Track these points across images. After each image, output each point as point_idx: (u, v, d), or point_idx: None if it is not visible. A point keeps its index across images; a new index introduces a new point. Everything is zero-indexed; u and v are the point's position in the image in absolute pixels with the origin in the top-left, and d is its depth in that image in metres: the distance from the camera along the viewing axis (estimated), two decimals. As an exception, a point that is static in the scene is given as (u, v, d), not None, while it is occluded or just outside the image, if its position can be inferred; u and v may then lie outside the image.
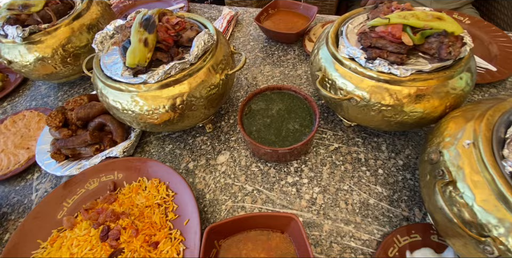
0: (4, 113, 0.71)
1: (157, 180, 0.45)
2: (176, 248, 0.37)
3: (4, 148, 0.60)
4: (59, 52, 0.63)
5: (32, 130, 0.63)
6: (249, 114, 0.53)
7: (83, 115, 0.55)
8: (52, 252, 0.39)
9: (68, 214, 0.44)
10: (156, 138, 0.59)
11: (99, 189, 0.46)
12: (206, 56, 0.47)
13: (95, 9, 0.69)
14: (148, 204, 0.43)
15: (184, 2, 0.95)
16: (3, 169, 0.56)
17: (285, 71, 0.70)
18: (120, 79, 0.44)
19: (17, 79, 0.78)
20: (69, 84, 0.76)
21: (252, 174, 0.49)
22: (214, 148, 0.55)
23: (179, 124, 0.49)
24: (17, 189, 0.54)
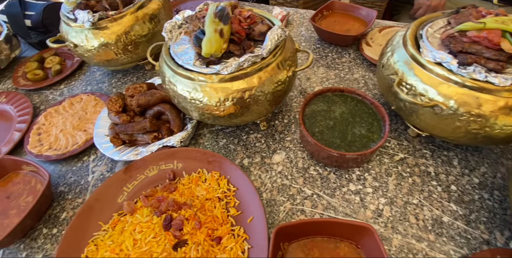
0: (61, 95, 0.74)
1: (217, 173, 0.44)
2: (241, 246, 0.36)
3: (63, 128, 0.62)
4: (122, 39, 0.64)
5: (89, 113, 0.65)
6: (310, 115, 0.51)
7: (144, 102, 0.55)
8: (114, 235, 0.39)
9: (128, 198, 0.44)
10: (209, 131, 0.58)
11: (158, 176, 0.46)
12: (277, 51, 0.46)
13: (156, 0, 0.70)
14: (208, 196, 0.42)
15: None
16: (62, 149, 0.58)
17: (340, 74, 0.68)
18: (192, 69, 0.44)
19: (74, 64, 0.81)
20: (122, 72, 0.78)
21: (310, 177, 0.47)
22: (269, 147, 0.53)
23: (240, 119, 0.48)
24: (74, 169, 0.55)
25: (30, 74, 0.78)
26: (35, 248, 0.44)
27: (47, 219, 0.48)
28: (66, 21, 0.64)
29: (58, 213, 0.48)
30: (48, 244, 0.44)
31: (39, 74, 0.78)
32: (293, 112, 0.60)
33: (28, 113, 0.66)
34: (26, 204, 0.47)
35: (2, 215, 0.46)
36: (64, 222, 0.47)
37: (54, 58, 0.84)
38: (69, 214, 0.48)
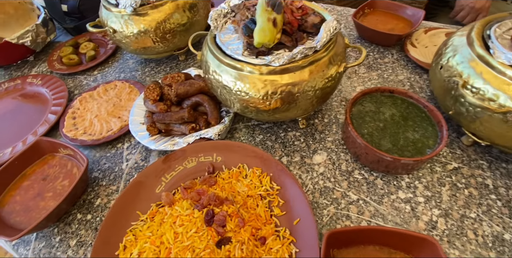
0: (95, 81, 0.74)
1: (259, 170, 0.42)
2: (288, 249, 0.33)
3: (97, 113, 0.61)
4: (162, 27, 0.63)
5: (123, 100, 0.64)
6: (357, 116, 0.48)
7: (182, 92, 0.54)
8: (152, 226, 0.38)
9: (166, 189, 0.43)
10: (245, 126, 0.56)
11: (197, 169, 0.45)
12: (330, 45, 0.44)
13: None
14: (250, 193, 0.40)
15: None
16: (96, 134, 0.57)
17: (383, 75, 0.64)
18: (241, 59, 0.42)
19: (108, 51, 0.81)
20: (156, 61, 0.77)
21: (355, 181, 0.45)
22: (309, 146, 0.51)
23: (284, 114, 0.46)
24: (108, 155, 0.55)
25: (65, 58, 0.79)
26: (69, 233, 0.44)
27: (82, 204, 0.47)
28: (107, 6, 0.64)
29: (93, 199, 0.48)
30: (83, 230, 0.44)
31: (74, 59, 0.78)
32: (333, 111, 0.57)
33: (64, 97, 0.66)
34: (62, 188, 0.47)
35: (38, 197, 0.46)
36: (99, 208, 0.46)
37: (89, 44, 0.84)
38: (103, 200, 0.47)
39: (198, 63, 0.75)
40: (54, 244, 0.43)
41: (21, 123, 0.63)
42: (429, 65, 0.64)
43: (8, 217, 0.44)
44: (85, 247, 0.42)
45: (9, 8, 0.77)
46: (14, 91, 0.72)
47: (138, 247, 0.35)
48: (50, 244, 0.43)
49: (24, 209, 0.44)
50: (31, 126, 0.62)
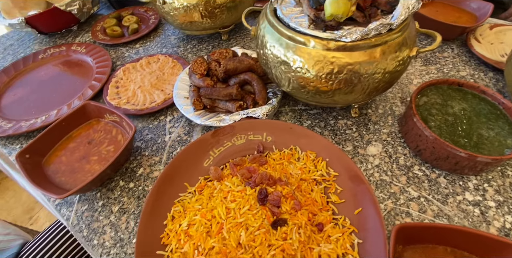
0: (136, 54, 0.73)
1: (313, 154, 0.40)
2: (349, 239, 0.31)
3: (141, 84, 0.60)
4: (212, 1, 0.61)
5: (166, 74, 0.63)
6: (423, 107, 0.44)
7: (232, 68, 0.52)
8: (201, 199, 0.36)
9: (214, 164, 0.41)
10: (291, 110, 0.54)
11: (246, 146, 0.43)
12: (405, 25, 0.40)
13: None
14: (303, 177, 0.37)
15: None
16: (139, 105, 0.56)
17: (443, 70, 0.59)
18: (307, 32, 0.39)
19: (150, 26, 0.80)
20: (198, 39, 0.75)
21: (415, 177, 0.41)
22: (362, 136, 0.47)
23: (343, 97, 0.42)
24: (150, 127, 0.54)
25: (109, 29, 0.78)
26: (111, 198, 0.43)
27: (124, 172, 0.46)
28: (159, -23, 0.62)
29: (135, 167, 0.47)
30: (125, 197, 0.43)
31: (117, 31, 0.78)
32: (388, 103, 0.53)
33: (107, 66, 0.66)
34: (107, 153, 0.46)
35: (83, 160, 0.46)
36: (141, 178, 0.45)
37: (132, 17, 0.83)
38: (146, 170, 0.46)
39: (241, 43, 0.72)
40: (97, 208, 0.42)
41: (65, 88, 0.64)
42: (496, 63, 0.59)
43: (53, 176, 0.44)
44: (127, 214, 0.41)
45: (61, -26, 0.77)
46: (59, 58, 0.73)
47: (187, 219, 0.34)
48: (92, 207, 0.42)
49: (69, 170, 0.44)
50: (75, 91, 0.62)
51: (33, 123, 0.55)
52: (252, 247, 0.30)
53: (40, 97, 0.62)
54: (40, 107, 0.60)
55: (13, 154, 0.53)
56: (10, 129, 0.54)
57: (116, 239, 0.38)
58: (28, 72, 0.70)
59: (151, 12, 0.85)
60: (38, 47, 0.81)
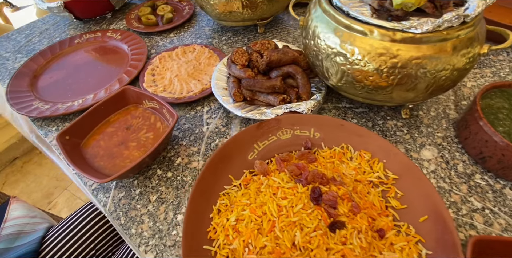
0: (171, 43, 0.72)
1: (368, 154, 0.37)
2: (416, 249, 0.28)
3: (178, 73, 0.59)
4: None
5: (202, 64, 0.61)
6: (488, 111, 0.41)
7: (276, 59, 0.49)
8: (248, 194, 0.34)
9: (258, 157, 0.39)
10: (335, 107, 0.51)
11: (292, 142, 0.40)
12: (479, 18, 0.37)
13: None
14: (358, 178, 0.35)
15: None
16: (177, 93, 0.55)
17: (499, 73, 0.55)
18: (371, 21, 0.36)
19: (185, 16, 0.78)
20: (232, 30, 0.73)
21: (477, 186, 0.38)
22: (414, 139, 0.44)
23: (401, 95, 0.39)
24: (187, 116, 0.52)
25: (143, 18, 0.77)
26: (149, 187, 0.42)
27: (162, 160, 0.45)
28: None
29: (173, 157, 0.45)
30: (163, 186, 0.41)
31: (152, 19, 0.77)
32: (441, 105, 0.49)
33: (143, 53, 0.65)
34: (146, 140, 0.45)
35: (122, 145, 0.44)
36: (179, 167, 0.44)
37: (166, 6, 0.82)
38: (184, 160, 0.45)
39: (278, 36, 0.70)
40: (134, 196, 0.41)
41: (100, 73, 0.63)
42: None
43: (92, 160, 0.43)
44: (166, 204, 0.39)
45: (101, -40, 0.77)
46: (94, 43, 0.72)
47: (235, 213, 0.32)
48: (129, 195, 0.41)
49: (108, 155, 0.43)
50: (111, 77, 0.61)
51: (70, 106, 0.54)
52: (308, 250, 0.28)
53: (76, 81, 0.62)
54: (76, 90, 0.59)
55: (49, 135, 0.52)
56: (47, 110, 0.54)
57: (154, 230, 0.37)
58: (64, 56, 0.70)
59: (185, 3, 0.84)
60: (73, 33, 0.81)
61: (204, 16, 0.80)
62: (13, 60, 0.73)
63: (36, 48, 0.76)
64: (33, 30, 0.84)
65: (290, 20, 0.75)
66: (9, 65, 0.71)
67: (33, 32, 0.84)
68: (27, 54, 0.74)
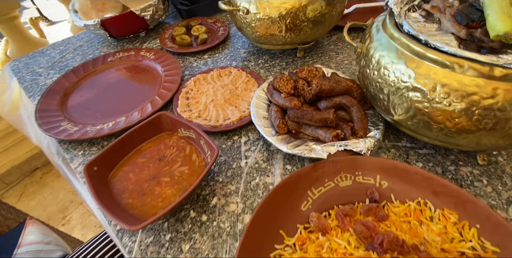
0: (205, 65, 0.69)
1: (455, 215, 0.30)
2: None
3: (213, 98, 0.55)
4: (302, 14, 0.55)
5: (239, 89, 0.57)
6: None
7: (327, 89, 0.44)
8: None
9: (313, 208, 0.33)
10: (394, 146, 0.44)
11: (353, 190, 0.34)
12: None
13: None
14: (445, 247, 0.28)
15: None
16: (212, 120, 0.50)
17: None
18: (459, 53, 0.31)
19: (220, 37, 0.76)
20: (269, 54, 0.70)
21: None
22: (498, 193, 0.37)
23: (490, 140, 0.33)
24: (223, 147, 0.47)
25: (178, 38, 0.76)
26: (181, 232, 0.36)
27: (195, 199, 0.40)
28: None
29: (208, 196, 0.40)
30: (197, 233, 0.36)
31: (186, 40, 0.75)
32: (522, 149, 0.42)
33: (177, 74, 0.62)
34: (180, 175, 0.40)
35: (153, 180, 0.40)
36: (215, 210, 0.38)
37: (201, 27, 0.81)
38: (220, 201, 0.39)
39: (318, 61, 0.66)
40: (164, 243, 0.35)
41: (132, 94, 0.60)
42: None
43: (120, 196, 0.38)
44: (200, 256, 0.33)
45: (140, -20, 0.77)
46: (128, 62, 0.71)
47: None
48: (159, 241, 0.35)
49: (137, 191, 0.38)
50: (143, 98, 0.58)
51: (100, 129, 0.51)
52: None
53: (107, 101, 0.59)
54: (106, 111, 0.56)
55: (74, 160, 0.49)
56: (76, 133, 0.50)
57: (187, 292, 0.31)
58: (96, 73, 0.68)
59: (219, 24, 0.83)
60: (106, 50, 0.81)
61: (239, 38, 0.78)
62: (45, 76, 0.72)
63: (69, 64, 0.76)
64: (68, 46, 0.85)
65: (330, 44, 0.71)
66: (41, 81, 0.71)
67: (67, 48, 0.84)
68: (59, 70, 0.74)
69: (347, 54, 0.67)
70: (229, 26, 0.81)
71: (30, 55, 0.82)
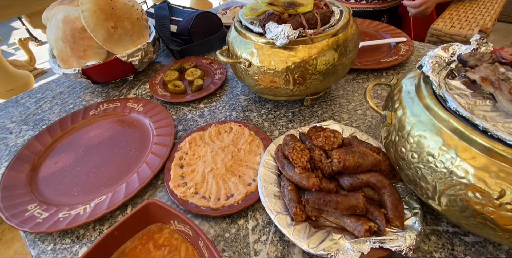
0: (201, 116, 0.62)
1: None
2: None
3: (213, 166, 0.47)
4: (311, 66, 0.49)
5: (242, 152, 0.50)
6: None
7: (351, 166, 0.37)
8: None
9: None
10: (433, 232, 0.37)
11: None
12: None
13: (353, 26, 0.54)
14: None
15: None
16: (212, 199, 0.42)
17: None
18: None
19: (216, 82, 0.69)
20: (273, 102, 0.64)
21: None
22: None
23: None
24: (226, 237, 0.38)
25: (170, 85, 0.69)
26: None
27: None
28: (246, 34, 0.52)
29: None
30: None
31: (180, 87, 0.68)
32: None
33: (169, 134, 0.54)
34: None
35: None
36: None
37: (195, 70, 0.74)
38: None
39: (328, 112, 0.59)
40: None
41: (117, 161, 0.51)
42: None
43: None
44: None
45: (128, 23, 0.71)
46: (113, 115, 0.63)
47: None
48: None
49: None
50: (129, 167, 0.50)
51: (76, 215, 0.41)
52: None
53: (85, 171, 0.50)
54: (84, 186, 0.47)
55: (41, 257, 0.39)
56: (45, 222, 0.41)
57: None
58: (76, 131, 0.60)
59: (216, 66, 0.77)
60: (89, 98, 0.73)
61: (238, 82, 0.72)
62: (16, 133, 0.63)
63: (45, 117, 0.67)
64: (46, 94, 0.76)
65: (339, 89, 0.65)
66: (10, 141, 0.61)
67: (45, 96, 0.76)
68: (33, 125, 0.65)
69: (359, 102, 0.61)
70: (225, 69, 0.74)
71: (2, 106, 0.73)
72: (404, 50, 0.74)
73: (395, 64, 0.69)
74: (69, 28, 0.65)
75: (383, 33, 0.85)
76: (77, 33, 0.66)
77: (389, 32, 0.84)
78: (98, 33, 0.65)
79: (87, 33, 0.65)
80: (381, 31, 0.86)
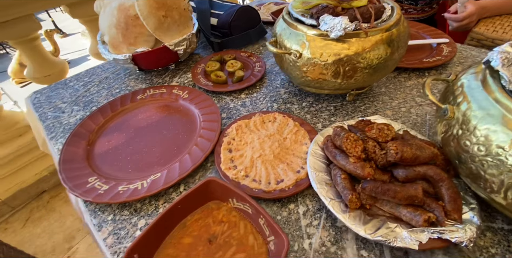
0: (243, 106, 0.63)
1: None
2: None
3: (261, 152, 0.49)
4: (364, 60, 0.50)
5: (288, 141, 0.51)
6: None
7: (409, 157, 0.37)
8: None
9: None
10: (488, 228, 0.37)
11: None
12: None
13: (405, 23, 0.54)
14: None
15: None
16: (263, 183, 0.43)
17: None
18: None
19: (256, 74, 0.71)
20: (314, 96, 0.64)
21: None
22: None
23: None
24: (278, 219, 0.40)
25: (212, 75, 0.71)
26: None
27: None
28: (297, 25, 0.53)
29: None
30: None
31: (222, 77, 0.70)
32: None
33: (216, 120, 0.56)
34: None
35: (206, 274, 0.32)
36: None
37: (236, 62, 0.76)
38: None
39: (371, 107, 0.59)
40: None
41: (167, 141, 0.54)
42: None
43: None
44: None
45: (176, 13, 0.74)
46: (159, 101, 0.66)
47: None
48: None
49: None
50: (179, 148, 0.52)
51: (135, 189, 0.44)
52: None
53: (138, 150, 0.53)
54: (138, 163, 0.50)
55: (103, 228, 0.42)
56: (106, 193, 0.44)
57: None
58: (125, 113, 0.63)
59: (254, 59, 0.78)
60: (133, 84, 0.76)
61: (277, 75, 0.73)
62: (68, 113, 0.67)
63: (94, 100, 0.71)
64: (92, 78, 0.80)
65: (381, 86, 0.65)
66: (63, 119, 0.65)
67: (92, 80, 0.80)
68: (84, 106, 0.69)
69: (402, 99, 0.61)
70: (264, 62, 0.76)
71: (53, 87, 0.78)
72: (447, 51, 0.73)
73: (438, 64, 0.68)
74: (123, 16, 0.68)
75: (423, 34, 0.84)
76: (130, 21, 0.69)
77: (429, 33, 0.83)
78: (150, 21, 0.68)
79: (139, 21, 0.68)
80: (421, 32, 0.85)
